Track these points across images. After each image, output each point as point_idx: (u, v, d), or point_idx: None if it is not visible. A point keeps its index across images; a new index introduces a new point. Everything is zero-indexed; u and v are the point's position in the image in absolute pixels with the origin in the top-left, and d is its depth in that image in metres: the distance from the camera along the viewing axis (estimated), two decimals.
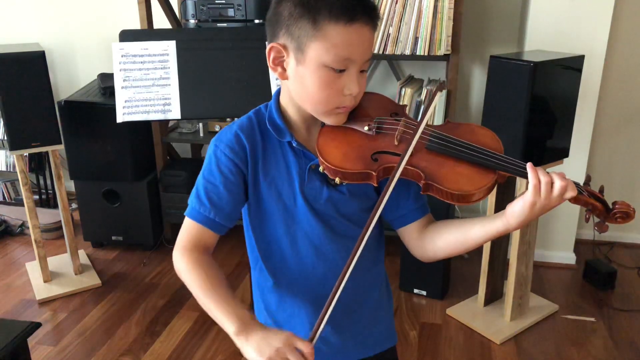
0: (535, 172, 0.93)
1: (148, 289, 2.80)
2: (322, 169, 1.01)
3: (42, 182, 3.63)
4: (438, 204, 1.02)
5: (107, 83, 2.95)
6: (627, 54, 2.90)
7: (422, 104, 2.75)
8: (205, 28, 2.79)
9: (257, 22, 2.75)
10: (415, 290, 2.71)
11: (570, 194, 0.92)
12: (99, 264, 3.02)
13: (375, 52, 2.68)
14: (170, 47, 2.21)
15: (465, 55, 3.05)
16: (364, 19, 0.94)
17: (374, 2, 0.99)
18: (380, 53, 2.71)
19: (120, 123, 2.17)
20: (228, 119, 2.95)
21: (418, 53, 2.67)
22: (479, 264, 2.54)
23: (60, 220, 2.88)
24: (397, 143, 1.00)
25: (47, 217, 3.32)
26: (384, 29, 2.67)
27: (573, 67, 2.20)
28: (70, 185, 3.13)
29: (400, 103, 2.85)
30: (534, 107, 2.09)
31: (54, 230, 3.30)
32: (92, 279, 2.84)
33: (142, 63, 2.18)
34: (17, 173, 2.64)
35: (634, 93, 2.97)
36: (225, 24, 2.79)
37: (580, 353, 2.31)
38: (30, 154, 3.44)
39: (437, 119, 2.74)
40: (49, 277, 2.80)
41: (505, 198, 2.39)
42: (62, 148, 2.72)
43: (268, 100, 1.10)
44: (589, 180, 1.02)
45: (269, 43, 1.00)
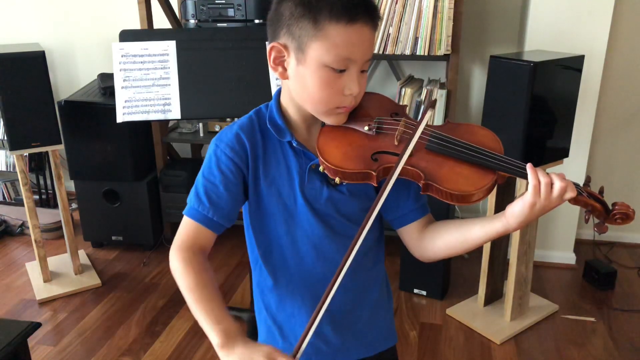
0: (535, 172, 0.93)
1: (148, 289, 2.80)
2: (322, 169, 1.01)
3: (42, 182, 3.63)
4: (438, 204, 1.02)
5: (107, 83, 2.95)
6: (627, 54, 2.90)
7: (422, 104, 2.75)
8: (205, 28, 2.79)
9: (257, 22, 2.76)
10: (415, 290, 2.71)
11: (570, 195, 0.92)
12: (99, 264, 3.03)
13: (375, 52, 2.68)
14: (170, 47, 2.21)
15: (465, 55, 3.05)
16: (365, 19, 0.94)
17: (375, 2, 0.99)
18: (380, 53, 2.71)
19: (120, 123, 2.17)
20: (228, 119, 2.95)
21: (418, 53, 2.67)
22: (479, 264, 2.54)
23: (60, 220, 2.88)
24: (397, 143, 1.00)
25: (47, 217, 3.32)
26: (384, 29, 2.67)
27: (573, 67, 2.20)
28: (70, 185, 3.13)
29: (400, 103, 2.85)
30: (534, 107, 2.09)
31: (54, 230, 3.30)
32: (92, 279, 2.84)
33: (142, 63, 2.18)
34: (17, 173, 2.64)
35: (634, 93, 2.97)
36: (225, 24, 2.79)
37: (580, 353, 2.32)
38: (30, 154, 3.44)
39: (437, 119, 2.74)
40: (49, 277, 2.80)
41: (505, 198, 2.39)
42: (62, 148, 2.72)
43: (268, 100, 1.10)
44: (589, 181, 1.02)
45: (270, 43, 1.00)
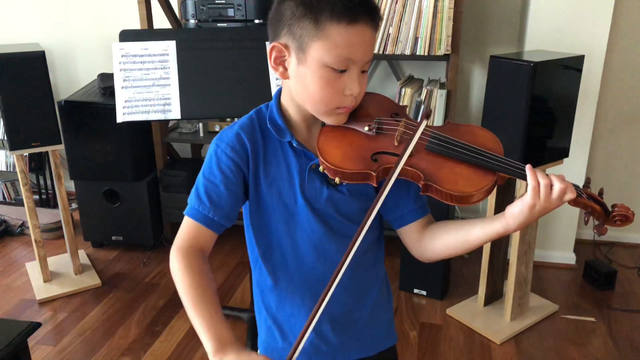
0: (534, 174, 0.93)
1: (148, 289, 2.80)
2: (322, 169, 1.01)
3: (42, 182, 3.63)
4: (438, 204, 1.02)
5: (107, 83, 2.95)
6: (627, 54, 2.90)
7: (422, 104, 2.75)
8: (205, 28, 2.79)
9: (257, 22, 2.76)
10: (415, 290, 2.71)
11: (570, 197, 0.92)
12: (99, 264, 3.02)
13: (375, 52, 2.68)
14: (170, 47, 2.21)
15: (465, 55, 3.05)
16: (366, 20, 0.94)
17: (375, 2, 0.99)
18: (380, 53, 2.71)
19: (120, 123, 2.17)
20: (228, 119, 2.95)
21: (418, 53, 2.67)
22: (479, 264, 2.54)
23: (60, 220, 2.88)
24: (397, 144, 1.00)
25: (47, 217, 3.32)
26: (384, 29, 2.67)
27: (573, 67, 2.20)
28: (70, 185, 3.13)
29: (400, 103, 2.85)
30: (534, 107, 2.09)
31: (54, 230, 3.30)
32: (92, 279, 2.84)
33: (142, 63, 2.18)
34: (17, 173, 2.64)
35: (634, 93, 2.97)
36: (225, 24, 2.79)
37: (580, 353, 2.32)
38: (30, 154, 3.44)
39: (437, 120, 2.74)
40: (49, 277, 2.80)
41: (505, 199, 2.39)
42: (62, 148, 2.72)
43: (268, 100, 1.10)
44: (589, 183, 1.02)
45: (271, 42, 1.00)
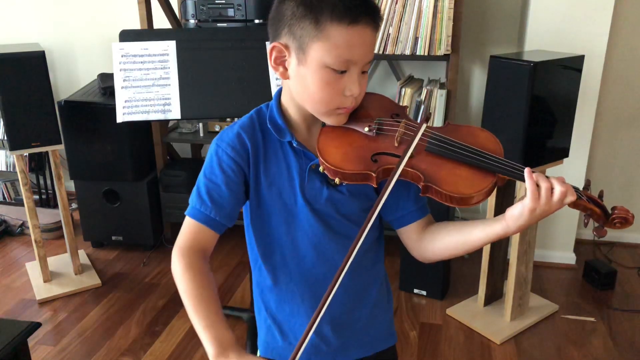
0: (533, 179, 0.92)
1: (148, 289, 2.80)
2: (322, 169, 1.01)
3: (42, 182, 3.63)
4: (438, 205, 1.02)
5: (107, 83, 2.95)
6: (627, 54, 2.90)
7: (422, 104, 2.75)
8: (205, 28, 2.79)
9: (257, 22, 2.75)
10: (415, 290, 2.71)
11: (570, 199, 0.92)
12: (99, 264, 3.03)
13: (375, 52, 2.68)
14: (170, 47, 2.21)
15: (465, 55, 3.05)
16: (367, 21, 0.94)
17: (375, 2, 0.99)
18: (380, 53, 2.71)
19: (120, 123, 2.17)
20: (228, 119, 2.95)
21: (418, 53, 2.67)
22: (479, 264, 2.54)
23: (60, 220, 2.88)
24: (397, 144, 1.00)
25: (47, 217, 3.32)
26: (384, 29, 2.67)
27: (573, 67, 2.20)
28: (70, 185, 3.13)
29: (400, 103, 2.85)
30: (534, 107, 2.09)
31: (54, 230, 3.30)
32: (92, 279, 2.84)
33: (142, 63, 2.18)
34: (17, 173, 2.64)
35: (634, 93, 2.97)
36: (225, 24, 2.79)
37: (580, 353, 2.32)
38: (30, 154, 3.44)
39: (437, 120, 2.74)
40: (49, 277, 2.80)
41: (505, 200, 2.39)
42: (62, 148, 2.72)
43: (268, 100, 1.10)
44: (589, 185, 1.03)
45: (271, 42, 1.00)
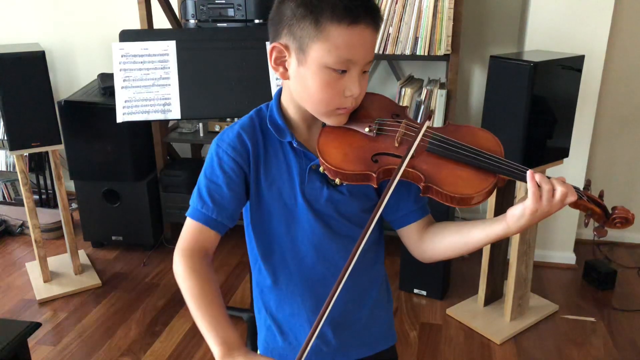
0: (535, 181, 0.92)
1: (148, 289, 2.80)
2: (322, 170, 1.01)
3: (42, 182, 3.63)
4: (438, 205, 1.02)
5: (107, 83, 2.95)
6: (627, 54, 2.90)
7: (422, 104, 2.75)
8: (205, 28, 2.79)
9: (257, 22, 2.75)
10: (415, 290, 2.71)
11: (571, 199, 0.92)
12: (99, 264, 3.02)
13: (375, 52, 2.67)
14: (170, 47, 2.21)
15: (465, 55, 3.05)
16: (367, 21, 0.94)
17: (375, 2, 0.99)
18: (380, 53, 2.72)
19: (120, 123, 2.17)
20: (228, 119, 2.95)
21: (418, 53, 2.67)
22: (479, 264, 2.54)
23: (60, 220, 2.88)
24: (397, 145, 1.00)
25: (47, 217, 3.32)
26: (384, 29, 2.67)
27: (573, 67, 2.20)
28: (70, 185, 3.13)
29: (401, 103, 2.85)
30: (534, 107, 2.09)
31: (54, 230, 3.30)
32: (92, 279, 2.84)
33: (142, 63, 2.18)
34: (17, 173, 2.64)
35: (634, 93, 2.97)
36: (225, 24, 2.79)
37: (580, 353, 2.32)
38: (30, 154, 3.44)
39: (437, 120, 2.74)
40: (49, 277, 2.80)
41: (505, 200, 2.39)
42: (62, 148, 2.72)
43: (268, 100, 1.09)
44: (589, 185, 1.03)
45: (271, 43, 1.00)
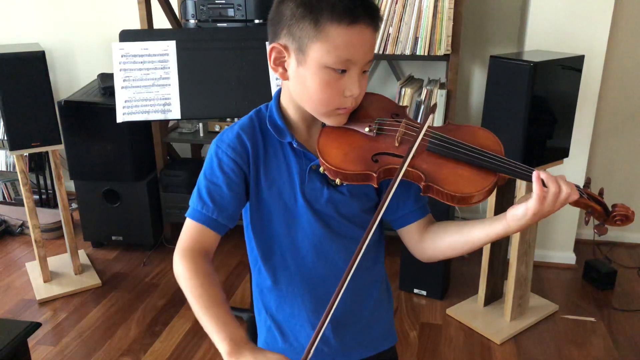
0: (541, 183, 0.91)
1: (148, 289, 2.80)
2: (322, 170, 1.01)
3: (42, 182, 3.63)
4: (438, 204, 1.02)
5: (107, 83, 2.95)
6: (627, 54, 2.90)
7: (422, 104, 2.75)
8: (205, 28, 2.79)
9: (257, 22, 2.75)
10: (415, 290, 2.71)
11: (573, 198, 0.93)
12: (99, 264, 3.02)
13: (375, 52, 2.68)
14: (170, 47, 2.21)
15: (465, 55, 3.05)
16: (366, 21, 0.94)
17: (375, 2, 0.99)
18: (380, 53, 2.71)
19: (120, 123, 2.17)
20: (228, 119, 2.95)
21: (418, 53, 2.67)
22: (479, 264, 2.54)
23: (60, 220, 2.88)
24: (397, 144, 1.00)
25: (47, 217, 3.32)
26: (384, 29, 2.67)
27: (573, 67, 2.20)
28: (70, 185, 3.13)
29: (400, 103, 2.85)
30: (534, 107, 2.09)
31: (54, 230, 3.30)
32: (92, 279, 2.84)
33: (142, 63, 2.18)
34: (17, 173, 2.64)
35: (634, 93, 2.97)
36: (225, 24, 2.79)
37: (580, 353, 2.32)
38: (30, 154, 3.44)
39: (437, 120, 2.73)
40: (49, 277, 2.80)
41: (505, 199, 2.39)
42: (62, 148, 2.72)
43: (268, 101, 1.09)
44: (589, 183, 1.03)
45: (270, 43, 1.00)
